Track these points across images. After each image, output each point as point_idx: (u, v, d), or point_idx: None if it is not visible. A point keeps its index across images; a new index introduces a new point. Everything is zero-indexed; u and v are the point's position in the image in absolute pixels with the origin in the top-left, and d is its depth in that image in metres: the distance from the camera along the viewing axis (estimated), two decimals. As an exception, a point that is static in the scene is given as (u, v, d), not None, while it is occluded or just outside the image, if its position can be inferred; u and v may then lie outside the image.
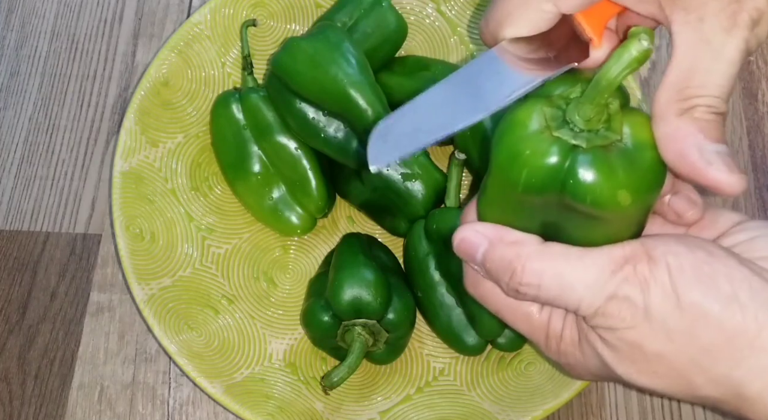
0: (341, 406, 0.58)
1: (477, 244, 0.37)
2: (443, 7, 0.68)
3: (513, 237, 0.36)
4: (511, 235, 0.36)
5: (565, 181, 0.33)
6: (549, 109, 0.34)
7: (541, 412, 0.55)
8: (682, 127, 0.33)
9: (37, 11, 0.76)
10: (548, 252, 0.35)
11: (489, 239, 0.36)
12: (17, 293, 0.65)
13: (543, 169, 0.33)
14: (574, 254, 0.35)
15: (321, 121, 0.59)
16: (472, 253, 0.37)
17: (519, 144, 0.34)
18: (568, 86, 0.34)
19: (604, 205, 0.33)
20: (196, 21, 0.64)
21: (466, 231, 0.37)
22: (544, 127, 0.33)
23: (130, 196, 0.60)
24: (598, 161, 0.33)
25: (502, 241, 0.36)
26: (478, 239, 0.37)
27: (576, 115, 0.33)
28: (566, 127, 0.33)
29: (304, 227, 0.63)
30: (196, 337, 0.58)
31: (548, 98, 0.34)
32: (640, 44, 0.31)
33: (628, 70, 0.31)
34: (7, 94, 0.72)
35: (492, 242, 0.36)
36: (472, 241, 0.37)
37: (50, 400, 0.61)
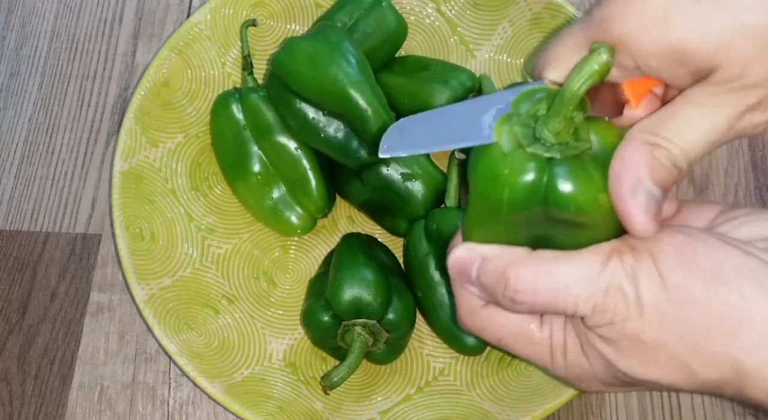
0: (341, 406, 0.58)
1: (471, 262, 0.37)
2: (443, 7, 0.68)
3: (502, 251, 0.37)
4: (500, 249, 0.37)
5: (547, 193, 0.34)
6: (519, 128, 0.35)
7: (541, 412, 0.55)
8: (635, 155, 0.34)
9: (37, 11, 0.76)
10: (539, 257, 0.36)
11: (482, 255, 0.37)
12: (17, 293, 0.65)
13: (523, 186, 0.34)
14: (564, 256, 0.35)
15: (321, 121, 0.59)
16: (467, 271, 0.37)
17: (496, 166, 0.35)
18: (533, 104, 0.36)
19: (587, 210, 0.34)
20: (196, 21, 0.64)
21: (459, 250, 0.38)
22: (517, 146, 0.34)
23: (130, 196, 0.60)
24: (574, 169, 0.34)
25: (493, 257, 0.37)
26: (471, 256, 0.37)
27: (545, 130, 0.34)
28: (538, 142, 0.34)
29: (304, 227, 0.63)
30: (196, 337, 0.58)
31: (516, 117, 0.35)
32: (600, 58, 0.32)
33: (589, 83, 0.32)
34: (7, 94, 0.72)
35: (485, 257, 0.37)
36: (465, 259, 0.37)
37: (50, 400, 0.61)
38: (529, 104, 0.36)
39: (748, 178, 0.69)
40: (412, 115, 0.39)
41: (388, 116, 0.57)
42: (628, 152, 0.34)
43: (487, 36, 0.68)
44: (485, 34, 0.68)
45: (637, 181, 0.34)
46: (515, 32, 0.67)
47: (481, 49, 0.68)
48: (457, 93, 0.62)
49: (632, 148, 0.34)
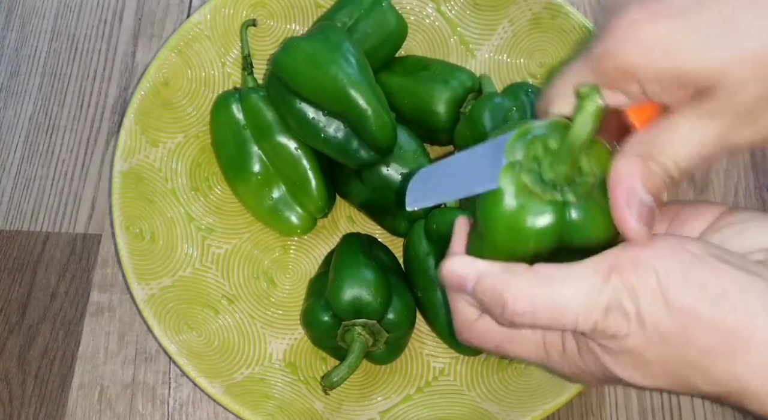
0: (341, 406, 0.58)
1: (465, 277, 0.37)
2: (443, 7, 0.68)
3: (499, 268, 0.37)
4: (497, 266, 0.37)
5: (564, 231, 0.36)
6: (526, 175, 0.36)
7: (541, 412, 0.55)
8: (631, 167, 0.35)
9: (38, 11, 0.76)
10: (536, 275, 0.35)
11: (478, 272, 0.37)
12: (17, 293, 0.65)
13: (547, 232, 0.36)
14: (562, 274, 0.35)
15: (321, 121, 0.59)
16: (462, 285, 0.37)
17: (517, 218, 0.36)
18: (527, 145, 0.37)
19: (603, 237, 0.36)
20: (196, 21, 0.64)
21: (455, 263, 0.38)
22: (530, 194, 0.36)
23: (130, 196, 0.60)
24: (590, 207, 0.36)
25: (490, 274, 0.36)
26: (466, 272, 0.37)
27: (553, 173, 0.36)
28: (548, 186, 0.36)
29: (304, 227, 0.63)
30: (196, 337, 0.58)
31: (519, 164, 0.37)
32: (594, 103, 0.33)
33: (591, 128, 0.34)
34: (7, 94, 0.72)
35: (480, 276, 0.37)
36: (460, 273, 0.37)
37: (50, 400, 0.61)
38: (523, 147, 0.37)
39: (748, 178, 0.69)
40: (431, 164, 0.41)
41: (388, 116, 0.57)
42: (622, 165, 0.36)
43: (487, 36, 0.68)
44: (485, 34, 0.68)
45: (631, 191, 0.35)
46: (515, 32, 0.67)
47: (481, 49, 0.68)
48: (457, 93, 0.62)
49: (626, 161, 0.36)
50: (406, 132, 0.61)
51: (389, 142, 0.57)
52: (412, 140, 0.61)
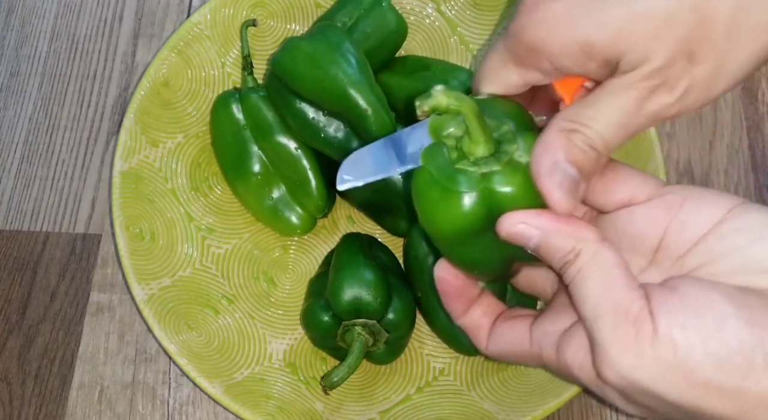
0: (341, 406, 0.58)
1: (529, 236, 0.37)
2: (443, 7, 0.68)
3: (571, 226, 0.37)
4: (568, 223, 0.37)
5: (494, 201, 0.37)
6: (449, 154, 0.38)
7: (541, 412, 0.55)
8: (554, 140, 0.36)
9: (37, 11, 0.76)
10: (600, 254, 0.36)
11: (542, 229, 0.37)
12: (17, 293, 0.65)
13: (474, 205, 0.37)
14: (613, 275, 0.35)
15: (321, 121, 0.59)
16: (525, 243, 0.37)
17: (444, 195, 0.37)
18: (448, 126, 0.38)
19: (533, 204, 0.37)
20: (196, 21, 0.64)
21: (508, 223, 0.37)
22: (453, 171, 0.37)
23: (130, 196, 0.60)
24: (515, 172, 0.37)
25: (558, 232, 0.37)
26: (528, 231, 0.37)
27: (473, 149, 0.37)
28: (472, 162, 0.37)
29: (304, 227, 0.63)
30: (196, 337, 0.58)
31: (442, 144, 0.38)
32: (433, 98, 0.35)
33: (446, 115, 0.36)
34: (7, 94, 0.72)
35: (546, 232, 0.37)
36: (522, 233, 0.37)
37: (50, 400, 0.61)
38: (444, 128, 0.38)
39: (748, 178, 0.69)
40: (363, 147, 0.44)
41: (388, 116, 0.57)
42: (547, 137, 0.37)
43: (487, 36, 0.68)
44: (485, 34, 0.68)
45: (553, 162, 0.36)
46: (515, 32, 0.67)
47: (481, 49, 0.68)
48: (457, 93, 0.62)
49: (551, 134, 0.37)
50: (406, 132, 0.61)
51: (389, 142, 0.57)
52: (412, 140, 0.61)
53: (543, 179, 0.36)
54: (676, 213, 0.38)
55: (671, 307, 0.33)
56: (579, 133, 0.36)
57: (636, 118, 0.36)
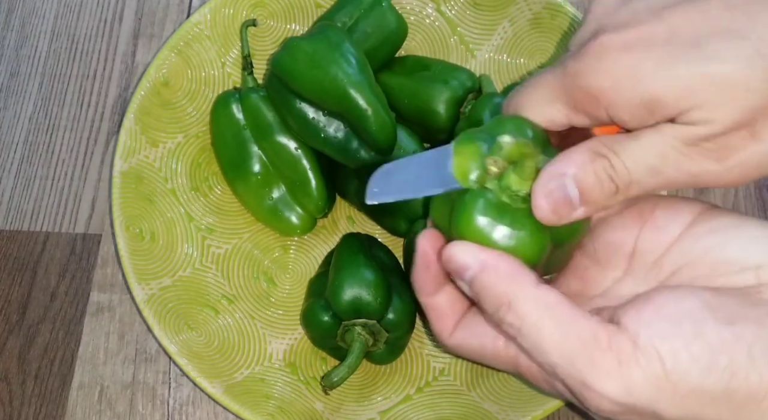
0: (341, 406, 0.58)
1: (467, 266, 0.36)
2: (443, 7, 0.68)
3: (506, 266, 0.35)
4: (505, 262, 0.35)
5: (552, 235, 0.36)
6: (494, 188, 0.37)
7: (542, 412, 0.55)
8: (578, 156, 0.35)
9: (37, 11, 0.76)
10: (539, 300, 0.34)
11: (482, 264, 0.35)
12: (17, 293, 0.65)
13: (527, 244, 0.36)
14: (562, 314, 0.34)
15: (321, 121, 0.59)
16: (459, 272, 0.36)
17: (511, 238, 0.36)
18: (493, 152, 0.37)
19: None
20: (196, 21, 0.64)
21: (457, 249, 0.36)
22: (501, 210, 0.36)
23: (130, 196, 0.60)
24: None
25: (496, 270, 0.35)
26: (469, 261, 0.36)
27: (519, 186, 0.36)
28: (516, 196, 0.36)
29: (304, 227, 0.63)
30: (196, 337, 0.58)
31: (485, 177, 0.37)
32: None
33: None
34: (7, 94, 0.72)
35: (482, 268, 0.35)
36: (462, 262, 0.36)
37: (50, 400, 0.61)
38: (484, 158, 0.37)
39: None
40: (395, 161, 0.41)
41: (388, 116, 0.57)
42: (573, 151, 0.35)
43: (487, 36, 0.68)
44: (485, 34, 0.68)
45: (559, 173, 0.35)
46: (515, 32, 0.67)
47: (481, 49, 0.68)
48: (457, 93, 0.62)
49: (579, 150, 0.35)
50: (406, 132, 0.61)
51: (389, 142, 0.57)
52: (412, 140, 0.61)
53: (540, 182, 0.35)
54: (648, 218, 0.38)
55: (648, 320, 0.33)
56: (605, 160, 0.35)
57: (671, 171, 0.35)
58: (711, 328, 0.32)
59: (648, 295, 0.35)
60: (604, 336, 0.33)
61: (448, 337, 0.40)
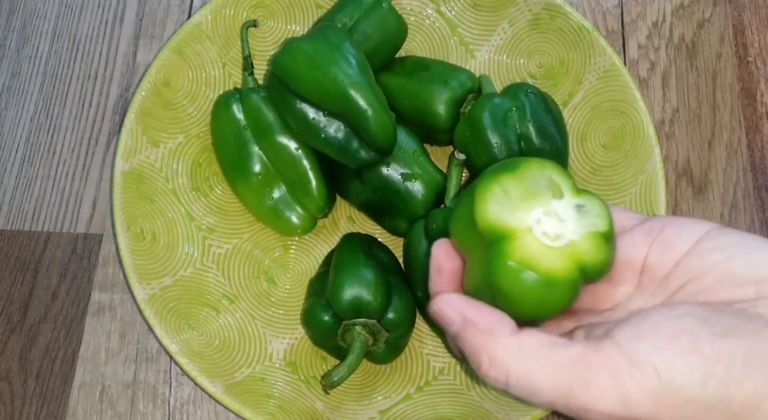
0: (341, 406, 0.58)
1: (451, 320, 0.37)
2: (443, 8, 0.68)
3: (485, 322, 0.36)
4: (484, 318, 0.36)
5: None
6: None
7: (541, 411, 0.55)
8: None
9: (39, 12, 0.76)
10: (519, 348, 0.35)
11: (462, 318, 0.36)
12: (19, 293, 0.65)
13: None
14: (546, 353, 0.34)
15: (321, 122, 0.59)
16: (447, 326, 0.37)
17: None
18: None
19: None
20: (196, 22, 0.64)
21: (440, 304, 0.38)
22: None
23: (131, 196, 0.60)
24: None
25: (473, 326, 0.36)
26: (451, 315, 0.37)
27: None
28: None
29: (305, 227, 0.63)
30: (197, 337, 0.58)
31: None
32: None
33: None
34: (8, 95, 0.73)
35: (463, 325, 0.36)
36: (446, 316, 0.37)
37: (51, 400, 0.61)
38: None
39: (746, 178, 0.69)
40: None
41: (388, 117, 0.57)
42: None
43: (487, 37, 0.68)
44: (485, 34, 0.68)
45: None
46: (515, 33, 0.67)
47: (480, 50, 0.69)
48: (457, 93, 0.62)
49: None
50: (405, 132, 0.62)
51: (389, 143, 0.57)
52: (412, 140, 0.61)
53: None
54: (657, 236, 0.39)
55: (644, 335, 0.33)
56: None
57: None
58: (707, 342, 0.33)
59: (645, 312, 0.35)
60: (593, 358, 0.33)
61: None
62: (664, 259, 0.38)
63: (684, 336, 0.33)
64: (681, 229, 0.38)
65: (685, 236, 0.38)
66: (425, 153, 0.61)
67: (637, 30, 0.74)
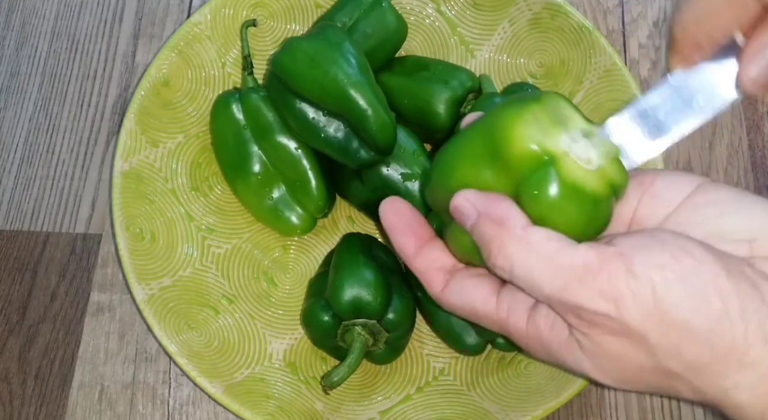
0: (341, 406, 0.58)
1: (468, 215, 0.37)
2: (443, 7, 0.68)
3: (500, 212, 0.36)
4: (500, 208, 0.36)
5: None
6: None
7: (541, 411, 0.55)
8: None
9: (38, 11, 0.76)
10: (526, 240, 0.35)
11: (478, 211, 0.36)
12: (17, 293, 0.65)
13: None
14: (551, 249, 0.34)
15: (321, 121, 0.59)
16: (464, 221, 0.37)
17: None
18: None
19: None
20: (196, 21, 0.64)
21: (458, 199, 0.37)
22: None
23: (131, 196, 0.60)
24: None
25: (488, 216, 0.36)
26: (468, 210, 0.37)
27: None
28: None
29: (304, 227, 0.63)
30: (196, 337, 0.58)
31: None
32: None
33: None
34: (7, 95, 0.72)
35: (480, 216, 0.36)
36: (463, 211, 0.37)
37: (50, 400, 0.61)
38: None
39: (747, 178, 0.69)
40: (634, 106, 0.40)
41: (388, 116, 0.57)
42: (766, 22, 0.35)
43: (487, 36, 0.68)
44: (485, 34, 0.68)
45: (761, 47, 0.35)
46: (515, 32, 0.67)
47: (481, 49, 0.68)
48: (457, 93, 0.62)
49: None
50: (405, 132, 0.61)
51: (389, 142, 0.57)
52: (412, 140, 0.61)
53: (743, 66, 0.36)
54: (648, 188, 0.38)
55: (649, 249, 0.33)
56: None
57: None
58: (710, 270, 0.32)
59: (652, 230, 0.35)
60: (595, 261, 0.33)
61: (440, 293, 0.40)
62: (653, 212, 0.38)
63: (688, 259, 0.33)
64: (672, 182, 0.38)
65: (676, 189, 0.37)
66: (425, 153, 0.61)
67: (638, 29, 0.74)
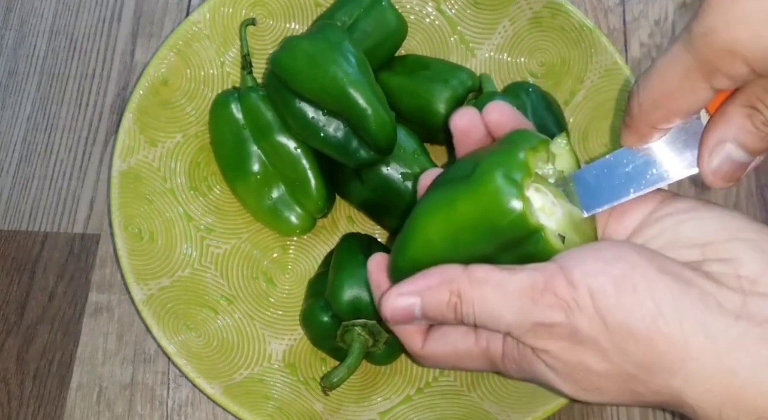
0: (341, 407, 0.58)
1: (410, 306, 0.38)
2: (443, 6, 0.68)
3: (437, 278, 0.37)
4: (433, 276, 0.37)
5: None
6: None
7: (542, 412, 0.55)
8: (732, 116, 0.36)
9: (36, 10, 0.75)
10: (474, 278, 0.36)
11: (418, 293, 0.38)
12: (15, 293, 0.65)
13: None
14: (496, 279, 0.36)
15: (320, 121, 0.58)
16: (410, 317, 0.38)
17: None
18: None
19: None
20: (195, 20, 0.64)
21: (390, 301, 0.38)
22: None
23: (129, 195, 0.60)
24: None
25: (430, 289, 0.37)
26: (407, 301, 0.38)
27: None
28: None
29: (304, 227, 0.63)
30: (195, 338, 0.58)
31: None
32: None
33: None
34: (5, 94, 0.72)
35: (422, 294, 0.38)
36: (403, 307, 0.38)
37: (49, 401, 0.61)
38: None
39: (748, 178, 0.68)
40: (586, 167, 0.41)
41: (388, 116, 0.56)
42: (727, 110, 0.35)
43: (488, 35, 0.68)
44: (485, 33, 0.68)
45: (720, 141, 0.35)
46: (516, 31, 0.67)
47: (481, 49, 0.68)
48: (458, 92, 0.62)
49: (732, 109, 0.35)
50: (405, 132, 0.61)
51: (389, 142, 0.57)
52: (412, 140, 0.61)
53: (702, 157, 0.36)
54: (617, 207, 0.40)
55: (585, 259, 0.35)
56: (759, 114, 0.34)
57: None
58: (642, 273, 0.34)
59: (592, 244, 0.37)
60: (540, 279, 0.35)
61: (420, 350, 0.42)
62: (619, 229, 0.40)
63: (620, 264, 0.34)
64: (639, 200, 0.39)
65: (642, 206, 0.39)
66: (425, 152, 0.61)
67: (639, 28, 0.74)
